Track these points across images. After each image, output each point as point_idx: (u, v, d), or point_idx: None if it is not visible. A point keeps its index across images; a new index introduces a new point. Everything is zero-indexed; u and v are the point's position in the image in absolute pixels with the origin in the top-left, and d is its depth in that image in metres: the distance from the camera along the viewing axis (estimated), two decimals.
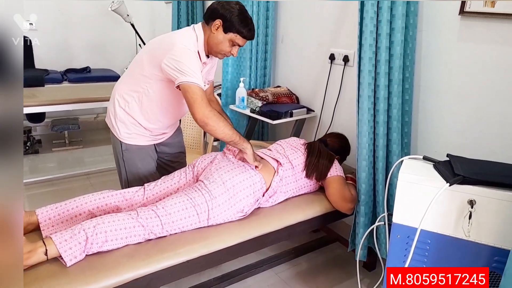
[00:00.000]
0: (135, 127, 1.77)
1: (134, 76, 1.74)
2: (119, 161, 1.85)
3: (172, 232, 1.52)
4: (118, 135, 1.79)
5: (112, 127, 1.81)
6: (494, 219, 1.21)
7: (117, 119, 1.77)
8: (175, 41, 1.62)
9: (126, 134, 1.78)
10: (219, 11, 1.63)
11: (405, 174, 1.32)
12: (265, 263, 2.07)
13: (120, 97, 1.76)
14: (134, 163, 1.83)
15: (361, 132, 1.81)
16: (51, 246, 1.31)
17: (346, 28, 2.27)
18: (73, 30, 4.28)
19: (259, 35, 2.68)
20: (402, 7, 1.71)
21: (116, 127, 1.78)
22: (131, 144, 1.80)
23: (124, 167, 1.84)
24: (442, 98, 1.83)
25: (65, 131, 3.87)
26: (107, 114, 1.86)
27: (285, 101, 2.57)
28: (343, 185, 1.87)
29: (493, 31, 1.60)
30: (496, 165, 1.37)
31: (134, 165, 1.83)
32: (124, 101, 1.75)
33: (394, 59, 1.77)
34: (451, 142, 1.82)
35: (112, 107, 1.80)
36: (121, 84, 1.81)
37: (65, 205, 1.55)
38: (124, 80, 1.81)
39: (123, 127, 1.77)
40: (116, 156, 1.87)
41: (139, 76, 1.70)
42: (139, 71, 1.70)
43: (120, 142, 1.80)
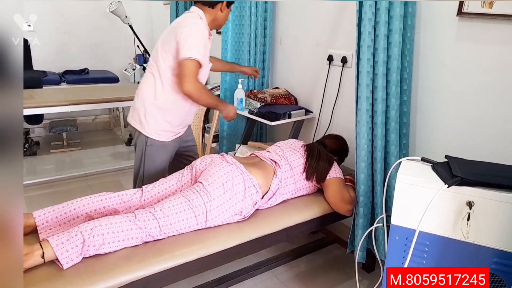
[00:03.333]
0: (163, 121, 1.92)
1: (156, 69, 1.88)
2: (140, 156, 1.97)
3: (170, 234, 1.51)
4: (145, 130, 1.92)
5: (140, 124, 1.93)
6: (492, 221, 1.20)
7: (147, 115, 1.90)
8: (185, 20, 1.85)
9: (154, 130, 1.92)
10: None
11: (403, 176, 1.32)
12: (263, 265, 2.06)
13: (148, 93, 1.90)
14: (154, 159, 1.97)
15: (359, 133, 1.81)
16: (48, 249, 1.30)
17: (344, 29, 2.27)
18: (71, 31, 4.27)
19: (257, 36, 2.68)
20: (400, 8, 1.71)
21: (146, 123, 1.91)
22: (156, 139, 1.94)
23: (144, 162, 1.97)
24: (440, 99, 1.83)
25: (63, 132, 3.86)
26: (131, 113, 1.99)
27: (283, 102, 2.57)
28: (342, 187, 1.87)
29: (491, 32, 1.60)
30: (494, 166, 1.36)
31: (153, 162, 1.97)
32: (153, 96, 1.89)
33: (392, 60, 1.76)
34: (450, 143, 1.82)
35: (140, 105, 1.92)
36: (145, 82, 1.93)
37: (62, 208, 1.55)
38: (147, 76, 1.93)
39: (152, 122, 1.91)
40: (138, 152, 1.98)
41: (160, 68, 1.86)
42: (159, 64, 1.86)
43: (146, 138, 1.93)
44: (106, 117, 4.69)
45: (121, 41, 4.45)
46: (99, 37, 4.43)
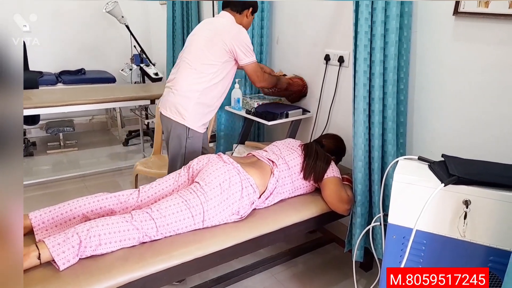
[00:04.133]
0: (203, 115, 2.13)
1: (200, 67, 2.06)
2: (180, 147, 2.14)
3: (167, 234, 1.51)
4: (188, 122, 2.09)
5: (181, 117, 2.09)
6: (489, 219, 1.21)
7: (190, 108, 2.07)
8: (233, 25, 2.11)
9: (196, 122, 2.11)
10: (248, 1, 2.17)
11: (400, 175, 1.32)
12: (261, 264, 2.06)
13: (191, 88, 2.06)
14: (194, 149, 2.18)
15: (356, 132, 1.81)
16: (44, 250, 1.29)
17: (341, 29, 2.27)
18: (67, 31, 4.24)
19: (254, 36, 2.67)
20: (397, 8, 1.71)
21: (188, 116, 2.08)
22: (196, 131, 2.14)
23: (185, 154, 2.15)
24: (437, 99, 1.83)
25: (60, 133, 3.85)
26: (167, 106, 2.12)
27: (297, 81, 2.53)
28: (339, 186, 1.87)
29: (487, 31, 1.61)
30: (491, 165, 1.37)
31: (193, 152, 2.17)
32: (198, 91, 2.06)
33: (388, 59, 1.77)
34: (446, 142, 1.82)
35: (181, 98, 2.07)
36: (184, 77, 2.08)
37: (58, 209, 1.54)
38: (187, 72, 2.08)
39: (194, 115, 2.09)
40: (176, 142, 2.14)
41: (202, 65, 2.05)
42: (201, 61, 2.05)
43: (187, 130, 2.11)
44: (103, 117, 4.68)
45: (117, 41, 4.44)
46: (95, 37, 4.41)
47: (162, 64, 4.05)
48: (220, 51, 2.05)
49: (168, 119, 2.12)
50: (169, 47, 3.72)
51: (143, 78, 4.12)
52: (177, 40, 3.64)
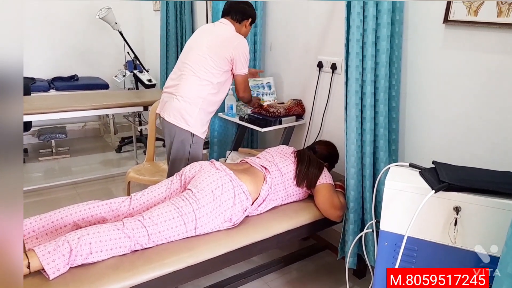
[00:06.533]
0: (205, 122, 2.21)
1: (204, 73, 2.12)
2: (184, 153, 2.18)
3: (158, 242, 1.50)
4: (192, 128, 2.14)
5: (186, 123, 2.13)
6: (479, 225, 1.21)
7: (194, 115, 2.12)
8: (237, 35, 2.19)
9: (199, 128, 2.17)
10: (249, 11, 2.24)
11: (391, 182, 1.33)
12: (254, 272, 2.05)
13: (195, 95, 2.12)
14: (197, 154, 2.23)
15: (349, 139, 1.82)
16: (34, 259, 1.28)
17: (334, 36, 2.29)
18: (60, 38, 4.23)
19: (248, 43, 2.67)
20: (388, 16, 1.73)
21: (193, 122, 2.13)
22: (199, 137, 2.20)
23: (188, 158, 2.19)
24: (428, 105, 1.85)
25: (52, 140, 3.82)
26: (171, 112, 2.14)
27: (296, 110, 2.52)
28: (332, 193, 1.87)
29: (476, 39, 1.63)
30: (481, 171, 1.38)
31: (196, 157, 2.22)
32: (202, 98, 2.12)
33: (380, 67, 1.78)
34: (437, 149, 1.84)
35: (186, 105, 2.11)
36: (188, 84, 2.12)
37: (49, 217, 1.52)
38: (190, 79, 2.12)
39: (199, 121, 2.15)
40: (181, 148, 2.18)
41: (206, 73, 2.11)
42: (205, 69, 2.11)
43: (192, 136, 2.16)
44: (96, 124, 4.65)
45: (111, 48, 4.43)
46: (88, 44, 4.40)
47: (155, 70, 4.05)
48: (223, 60, 2.12)
49: (172, 125, 2.14)
50: (163, 54, 3.72)
51: (137, 85, 4.11)
52: (171, 46, 3.64)
